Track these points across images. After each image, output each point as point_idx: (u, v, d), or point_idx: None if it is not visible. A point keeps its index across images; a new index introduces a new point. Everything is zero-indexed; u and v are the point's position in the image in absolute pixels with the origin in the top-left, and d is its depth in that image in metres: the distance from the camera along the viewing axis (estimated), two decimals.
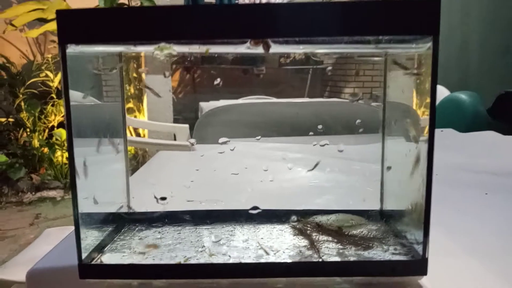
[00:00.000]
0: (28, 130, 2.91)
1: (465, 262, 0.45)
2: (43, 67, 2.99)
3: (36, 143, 2.88)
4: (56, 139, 2.92)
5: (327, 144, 0.53)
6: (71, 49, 0.37)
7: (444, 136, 1.23)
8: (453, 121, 2.02)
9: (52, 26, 2.77)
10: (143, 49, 0.40)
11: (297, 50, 0.40)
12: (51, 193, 2.80)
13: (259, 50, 0.37)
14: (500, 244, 0.50)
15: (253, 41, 0.36)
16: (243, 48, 0.37)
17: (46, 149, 2.90)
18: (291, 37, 0.36)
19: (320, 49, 0.40)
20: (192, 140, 0.52)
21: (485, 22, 3.24)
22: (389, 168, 0.49)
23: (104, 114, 0.50)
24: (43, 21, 2.83)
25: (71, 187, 0.37)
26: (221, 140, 0.52)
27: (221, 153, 0.52)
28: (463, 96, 2.22)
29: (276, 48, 0.38)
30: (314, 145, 0.53)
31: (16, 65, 3.03)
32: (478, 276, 0.42)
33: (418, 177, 0.40)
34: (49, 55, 3.06)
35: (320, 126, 0.56)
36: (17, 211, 2.65)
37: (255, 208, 0.47)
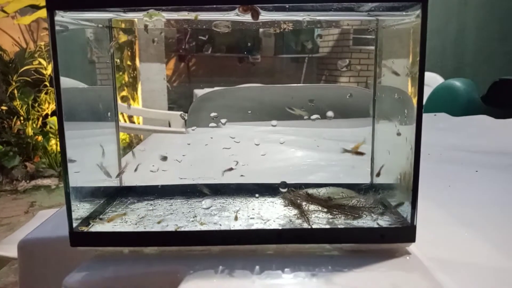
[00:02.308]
0: (21, 118, 2.89)
1: (454, 231, 0.46)
2: (36, 55, 2.96)
3: (30, 131, 2.87)
4: (50, 127, 2.90)
5: (318, 119, 0.54)
6: (59, 16, 0.37)
7: (438, 119, 1.24)
8: (447, 108, 2.02)
9: (45, 13, 2.74)
10: (133, 16, 0.39)
11: (287, 17, 0.40)
12: (46, 181, 2.79)
13: (248, 17, 0.37)
14: (489, 216, 0.50)
15: (242, 7, 0.36)
16: (232, 15, 0.37)
17: (40, 137, 2.88)
18: (280, 3, 0.36)
19: (310, 17, 0.40)
20: (184, 114, 0.52)
21: (482, 11, 3.24)
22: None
23: (96, 98, 0.50)
24: (36, 7, 2.80)
25: (61, 157, 0.37)
26: (212, 114, 0.52)
27: (213, 127, 0.52)
28: (457, 83, 2.23)
29: (265, 15, 0.38)
30: (305, 119, 0.53)
31: (8, 53, 3.00)
32: (467, 243, 0.43)
33: (407, 146, 0.41)
34: (42, 43, 3.03)
35: (314, 116, 0.56)
36: (11, 199, 2.65)
37: (242, 176, 0.47)
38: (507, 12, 3.03)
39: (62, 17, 0.37)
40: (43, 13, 2.75)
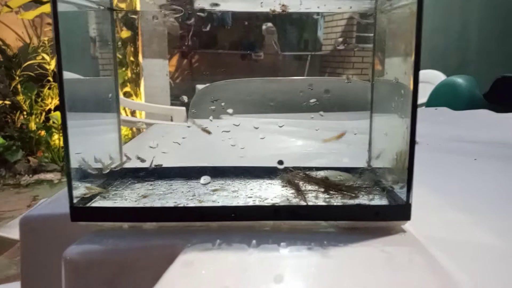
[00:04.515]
0: (25, 113, 2.91)
1: (449, 214, 0.46)
2: (39, 50, 2.98)
3: (33, 126, 2.88)
4: (53, 122, 2.92)
5: (317, 104, 0.54)
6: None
7: (439, 113, 1.24)
8: (450, 104, 2.02)
9: (48, 8, 2.75)
10: None
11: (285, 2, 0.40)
12: (48, 176, 2.81)
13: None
14: (486, 201, 0.51)
15: None
16: None
17: (43, 132, 2.90)
18: None
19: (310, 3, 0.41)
20: (185, 97, 0.53)
21: (484, 8, 3.23)
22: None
23: (98, 90, 0.51)
24: (39, 2, 2.81)
25: (62, 129, 0.38)
26: (213, 103, 0.53)
27: (213, 110, 0.53)
28: (459, 80, 2.23)
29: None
30: (312, 118, 0.54)
31: (12, 48, 3.02)
32: (461, 224, 0.43)
33: (402, 126, 0.41)
34: (46, 38, 3.05)
35: (312, 100, 0.57)
36: (14, 193, 2.66)
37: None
38: (510, 9, 3.02)
39: None
40: (46, 8, 2.76)
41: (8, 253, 1.54)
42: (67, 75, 0.39)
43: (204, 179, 0.46)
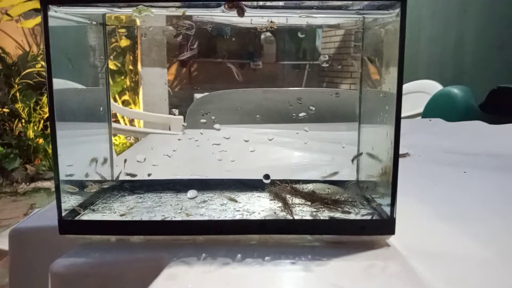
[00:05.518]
0: (23, 120, 2.91)
1: (434, 225, 0.47)
2: (39, 58, 2.99)
3: (31, 133, 2.89)
4: None
5: (306, 117, 0.55)
6: (52, 11, 0.38)
7: (433, 124, 1.25)
8: (445, 115, 2.03)
9: None
10: (126, 11, 0.41)
11: (272, 15, 0.41)
12: (46, 184, 2.81)
13: (234, 14, 0.39)
14: (473, 211, 0.51)
15: (227, 4, 0.38)
16: (218, 11, 0.38)
17: (41, 140, 2.90)
18: (265, 0, 0.37)
19: (297, 15, 0.41)
20: (175, 110, 0.54)
21: (481, 19, 3.26)
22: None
23: (89, 100, 0.52)
24: (39, 11, 2.83)
25: (52, 144, 0.39)
26: (203, 119, 0.54)
27: (203, 123, 0.54)
28: (455, 90, 2.24)
29: (250, 13, 0.39)
30: (293, 117, 0.54)
31: (12, 56, 3.03)
32: (445, 235, 0.44)
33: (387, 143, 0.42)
34: None
35: (302, 114, 0.58)
36: (11, 201, 2.66)
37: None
38: (506, 20, 3.05)
39: (56, 12, 0.39)
40: None
41: (3, 262, 1.54)
42: (58, 83, 0.39)
43: (191, 193, 0.47)
